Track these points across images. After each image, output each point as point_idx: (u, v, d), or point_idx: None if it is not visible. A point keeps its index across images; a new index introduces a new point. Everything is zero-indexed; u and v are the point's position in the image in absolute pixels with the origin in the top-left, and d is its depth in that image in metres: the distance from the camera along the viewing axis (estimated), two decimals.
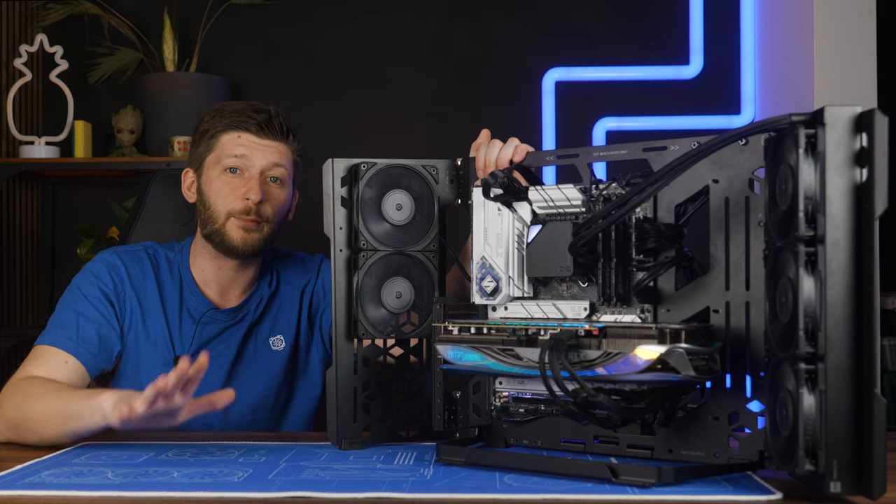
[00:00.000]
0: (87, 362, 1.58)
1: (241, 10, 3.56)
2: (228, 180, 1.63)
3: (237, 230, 1.62)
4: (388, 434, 1.40)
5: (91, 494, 1.08)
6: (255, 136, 1.63)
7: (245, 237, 1.63)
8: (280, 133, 1.65)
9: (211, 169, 1.65)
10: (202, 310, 1.68)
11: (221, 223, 1.63)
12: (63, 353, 1.56)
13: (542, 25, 3.55)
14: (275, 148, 1.64)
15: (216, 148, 1.65)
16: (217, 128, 1.65)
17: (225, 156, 1.63)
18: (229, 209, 1.62)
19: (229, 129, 1.64)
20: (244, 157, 1.62)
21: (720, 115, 3.36)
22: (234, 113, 1.64)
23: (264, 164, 1.63)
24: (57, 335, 1.58)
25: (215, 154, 1.65)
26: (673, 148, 1.21)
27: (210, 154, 1.65)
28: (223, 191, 1.63)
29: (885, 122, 0.96)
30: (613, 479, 1.10)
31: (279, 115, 1.65)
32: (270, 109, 1.65)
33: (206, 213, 1.65)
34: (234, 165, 1.63)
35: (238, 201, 1.62)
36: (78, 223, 3.56)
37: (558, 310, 1.27)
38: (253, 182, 1.62)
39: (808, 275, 0.98)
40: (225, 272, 1.69)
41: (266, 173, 1.64)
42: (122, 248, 1.72)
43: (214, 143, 1.65)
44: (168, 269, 1.70)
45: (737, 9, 3.34)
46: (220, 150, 1.64)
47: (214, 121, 1.66)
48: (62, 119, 3.48)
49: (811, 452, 0.98)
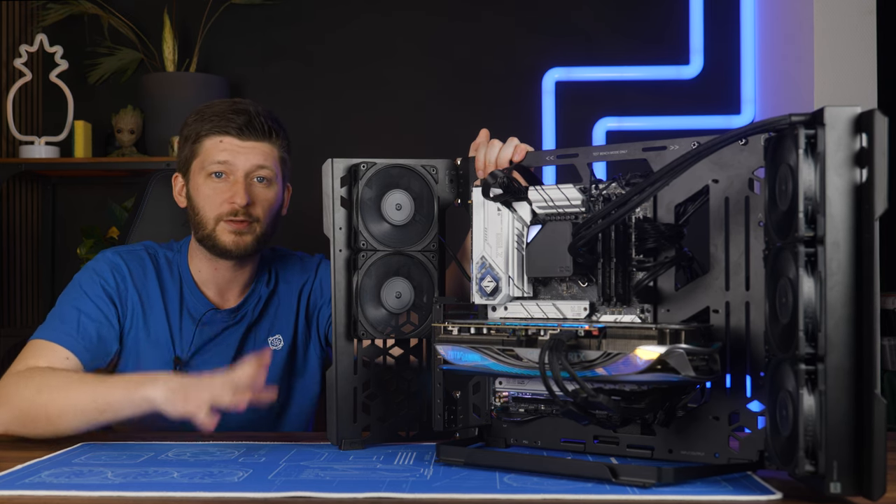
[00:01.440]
0: (84, 360, 1.57)
1: (241, 10, 3.56)
2: (214, 185, 1.63)
3: (228, 234, 1.62)
4: (388, 434, 1.40)
5: (91, 494, 1.08)
6: (237, 138, 1.62)
7: (237, 240, 1.62)
8: (262, 133, 1.63)
9: (196, 174, 1.65)
10: (202, 310, 1.68)
11: (212, 228, 1.63)
12: (63, 349, 1.55)
13: (542, 25, 3.55)
14: (258, 149, 1.63)
15: (200, 153, 1.64)
16: (199, 132, 1.64)
17: (209, 162, 1.63)
18: (217, 213, 1.62)
19: (211, 133, 1.63)
20: (227, 163, 1.62)
21: (720, 115, 3.36)
22: (215, 116, 1.63)
23: (248, 167, 1.62)
24: (57, 330, 1.58)
25: (199, 159, 1.64)
26: (673, 148, 1.21)
27: (195, 159, 1.65)
28: (210, 196, 1.63)
29: (884, 122, 0.96)
30: (613, 479, 1.10)
31: (260, 115, 1.64)
32: (251, 109, 1.64)
33: (196, 219, 1.65)
34: (219, 170, 1.62)
35: (225, 205, 1.62)
36: (78, 223, 3.56)
37: (558, 310, 1.27)
38: (238, 186, 1.61)
39: (808, 275, 0.98)
40: (222, 273, 1.69)
41: (251, 175, 1.63)
42: (124, 248, 1.72)
43: (198, 147, 1.65)
44: (168, 269, 1.70)
45: (737, 9, 3.34)
46: (204, 156, 1.64)
47: (196, 125, 1.65)
48: (62, 119, 3.48)
49: (811, 453, 0.98)
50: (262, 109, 1.66)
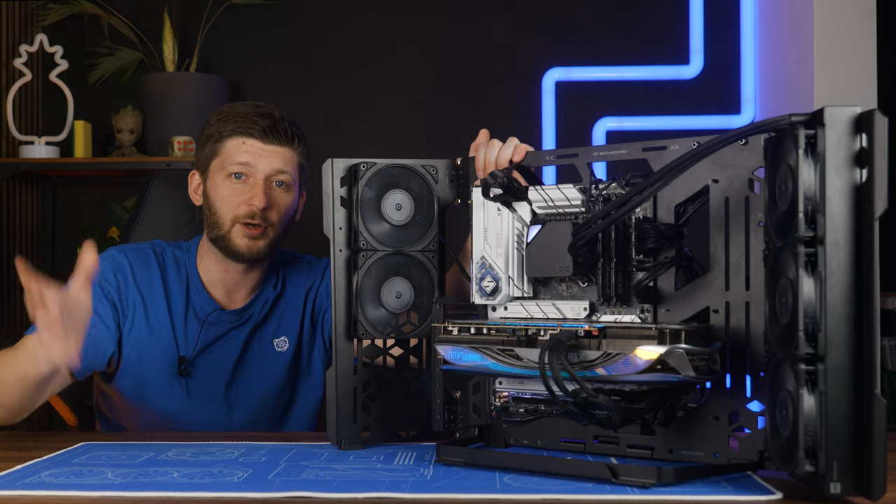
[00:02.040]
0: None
1: (241, 10, 3.56)
2: (233, 186, 1.63)
3: (242, 237, 1.62)
4: (388, 434, 1.40)
5: (91, 494, 1.08)
6: (260, 141, 1.63)
7: (250, 244, 1.62)
8: (285, 138, 1.64)
9: (216, 174, 1.65)
10: (208, 310, 1.68)
11: (227, 229, 1.63)
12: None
13: (542, 25, 3.55)
14: (279, 153, 1.64)
15: (221, 153, 1.64)
16: (222, 132, 1.64)
17: (230, 162, 1.63)
18: (234, 215, 1.62)
19: (234, 134, 1.63)
20: (248, 164, 1.62)
21: (720, 115, 3.36)
22: (239, 117, 1.64)
23: (269, 171, 1.63)
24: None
25: (220, 159, 1.64)
26: (673, 148, 1.21)
27: (215, 158, 1.65)
28: (228, 197, 1.63)
29: (884, 122, 0.96)
30: (613, 479, 1.10)
31: (284, 120, 1.65)
32: (275, 114, 1.65)
33: (212, 218, 1.65)
34: (239, 171, 1.62)
35: (243, 207, 1.62)
36: (78, 223, 3.56)
37: (558, 310, 1.27)
38: (258, 188, 1.61)
39: (808, 275, 0.98)
40: (231, 274, 1.69)
41: (271, 179, 1.63)
42: (130, 246, 1.71)
43: (219, 147, 1.65)
44: (175, 269, 1.70)
45: (737, 9, 3.34)
46: (225, 156, 1.64)
47: (219, 124, 1.65)
48: (62, 119, 3.48)
49: (811, 453, 0.98)
50: (286, 115, 1.66)
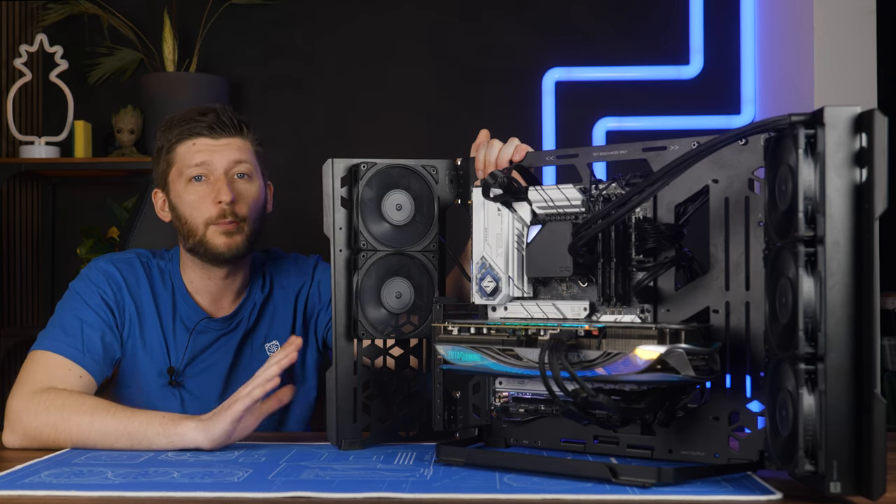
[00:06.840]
0: (94, 373, 1.54)
1: (241, 10, 3.56)
2: (196, 189, 1.61)
3: (219, 237, 1.60)
4: (387, 434, 1.40)
5: (91, 494, 1.08)
6: (209, 138, 1.62)
7: (228, 242, 1.61)
8: (233, 128, 1.63)
9: (176, 183, 1.63)
10: (195, 319, 1.66)
11: (202, 234, 1.61)
12: (76, 366, 1.52)
13: (542, 25, 3.55)
14: (232, 145, 1.63)
15: (175, 161, 1.63)
16: (171, 140, 1.64)
17: (186, 166, 1.62)
18: (206, 218, 1.60)
19: (182, 138, 1.62)
20: (205, 163, 1.61)
21: (720, 115, 3.36)
22: (183, 121, 1.63)
23: (226, 164, 1.61)
24: (62, 342, 1.54)
25: (176, 168, 1.63)
26: (673, 148, 1.21)
27: (171, 169, 1.64)
28: (194, 202, 1.61)
29: (884, 122, 0.96)
30: (613, 479, 1.10)
31: (227, 111, 1.64)
32: (217, 107, 1.64)
33: (184, 228, 1.63)
34: (198, 173, 1.61)
35: (212, 207, 1.60)
36: (78, 223, 3.56)
37: (558, 310, 1.27)
38: (220, 184, 1.60)
39: (808, 275, 0.98)
40: (214, 281, 1.67)
41: (231, 172, 1.62)
42: (116, 256, 1.68)
43: (172, 157, 1.64)
44: (160, 278, 1.68)
45: (737, 9, 3.34)
46: (181, 163, 1.62)
47: (166, 135, 1.65)
48: (62, 119, 3.48)
49: (811, 453, 0.98)
50: (228, 107, 1.66)
